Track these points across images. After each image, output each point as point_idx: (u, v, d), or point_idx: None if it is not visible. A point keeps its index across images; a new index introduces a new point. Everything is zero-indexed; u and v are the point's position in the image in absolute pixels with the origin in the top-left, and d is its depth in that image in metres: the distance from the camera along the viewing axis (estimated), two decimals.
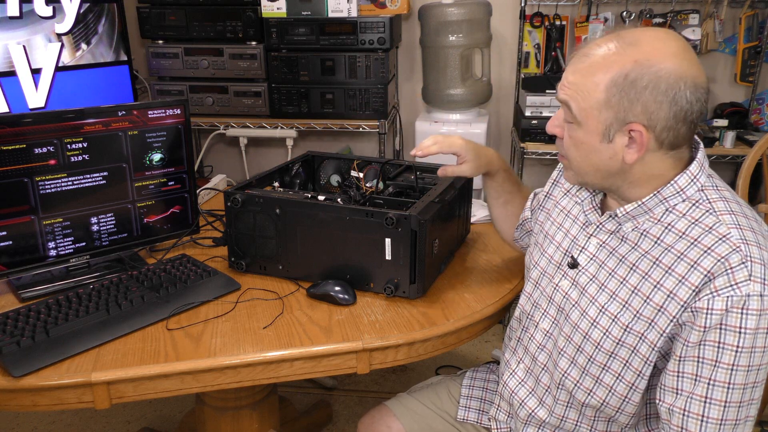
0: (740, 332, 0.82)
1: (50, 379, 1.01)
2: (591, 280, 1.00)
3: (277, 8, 2.44)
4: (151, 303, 1.23)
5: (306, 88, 2.50)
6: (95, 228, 1.38)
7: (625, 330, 0.93)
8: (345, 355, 1.11)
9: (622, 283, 0.95)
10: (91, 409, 1.86)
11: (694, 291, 0.86)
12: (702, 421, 0.85)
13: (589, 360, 0.98)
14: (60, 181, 1.30)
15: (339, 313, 1.21)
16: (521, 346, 1.15)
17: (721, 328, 0.83)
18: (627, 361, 0.94)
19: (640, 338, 0.92)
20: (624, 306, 0.94)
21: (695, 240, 0.88)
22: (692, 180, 0.92)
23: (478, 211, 1.68)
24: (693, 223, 0.90)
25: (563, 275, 1.05)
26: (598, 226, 1.01)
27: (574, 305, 1.02)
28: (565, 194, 1.14)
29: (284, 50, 2.48)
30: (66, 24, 2.01)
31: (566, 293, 1.04)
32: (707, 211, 0.90)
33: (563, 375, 1.03)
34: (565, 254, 1.06)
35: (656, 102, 0.85)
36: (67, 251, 1.35)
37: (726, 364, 0.84)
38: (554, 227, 1.12)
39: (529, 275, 1.15)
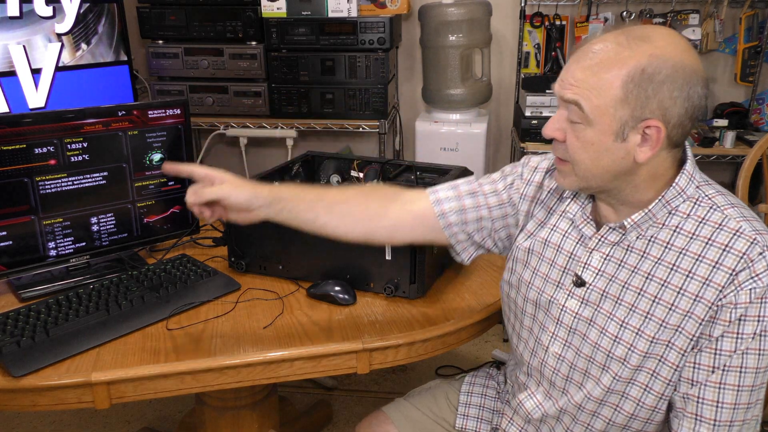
0: (759, 320, 0.85)
1: (50, 379, 1.01)
2: (603, 295, 0.96)
3: (277, 8, 2.43)
4: (151, 303, 1.23)
5: (306, 88, 2.50)
6: (95, 228, 1.38)
7: (652, 341, 0.91)
8: (345, 355, 1.12)
9: (639, 294, 0.92)
10: (91, 409, 1.86)
11: (719, 290, 0.86)
12: (717, 406, 0.87)
13: (614, 378, 0.95)
14: (60, 181, 1.30)
15: (339, 313, 1.21)
16: (536, 370, 1.07)
17: (740, 320, 0.85)
18: (654, 372, 0.92)
19: (667, 346, 0.90)
20: (646, 317, 0.91)
21: (709, 239, 0.87)
22: (690, 179, 0.91)
23: None
24: (700, 222, 0.89)
25: (569, 295, 0.99)
26: (599, 240, 0.97)
27: (589, 324, 0.97)
28: (549, 211, 1.06)
29: (284, 50, 2.48)
30: (66, 24, 2.01)
31: (576, 313, 0.98)
32: (710, 207, 0.89)
33: (587, 397, 0.98)
34: (563, 272, 1.01)
35: (672, 98, 0.83)
36: (67, 251, 1.35)
37: (741, 350, 0.86)
38: (539, 244, 1.05)
39: (527, 296, 1.06)
